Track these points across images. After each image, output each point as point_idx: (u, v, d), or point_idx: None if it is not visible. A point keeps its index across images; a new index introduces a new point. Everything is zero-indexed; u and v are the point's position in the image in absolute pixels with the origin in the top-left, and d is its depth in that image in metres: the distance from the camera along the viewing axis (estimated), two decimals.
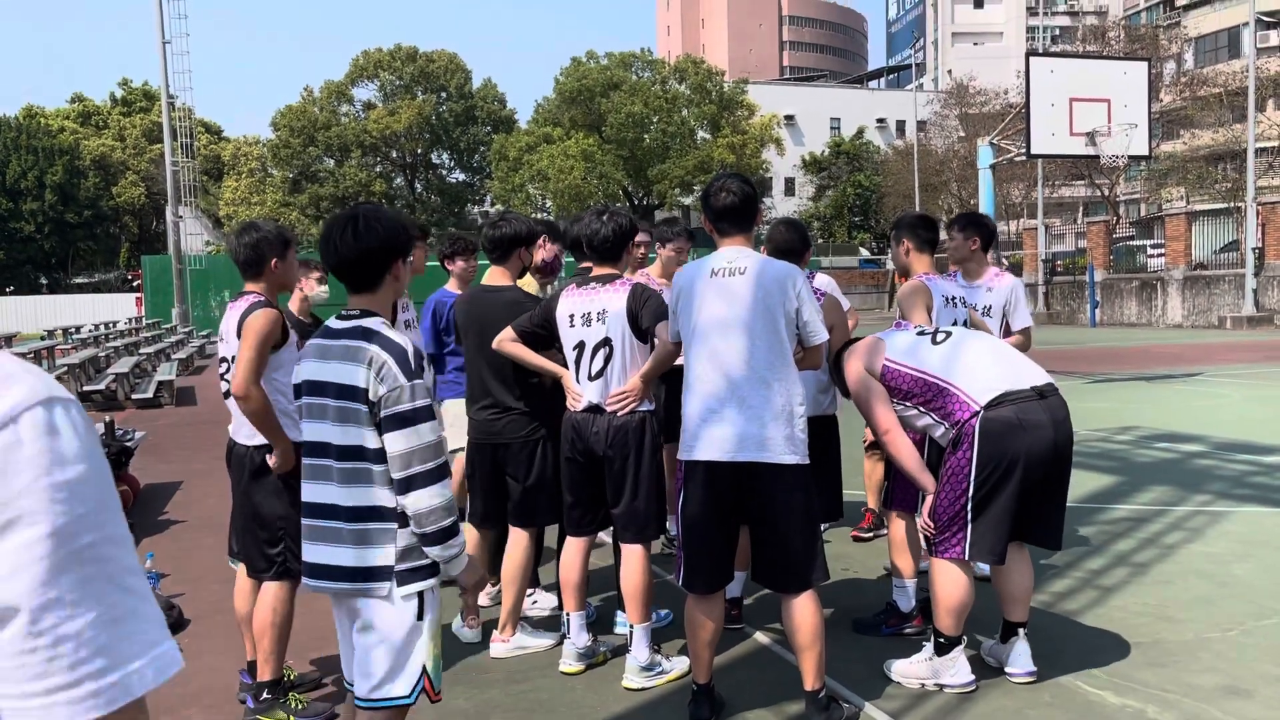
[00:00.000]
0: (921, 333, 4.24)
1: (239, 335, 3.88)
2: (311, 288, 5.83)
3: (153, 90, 62.43)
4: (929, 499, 4.01)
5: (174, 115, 32.93)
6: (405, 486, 2.66)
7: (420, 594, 2.72)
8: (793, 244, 4.68)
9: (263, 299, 3.96)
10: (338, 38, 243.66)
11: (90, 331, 24.39)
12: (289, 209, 57.43)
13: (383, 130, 59.27)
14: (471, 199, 64.68)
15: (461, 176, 65.99)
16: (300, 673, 4.31)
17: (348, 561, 2.72)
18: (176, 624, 5.07)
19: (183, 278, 33.37)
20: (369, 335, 2.72)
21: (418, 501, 2.65)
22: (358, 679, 2.74)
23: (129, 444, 8.35)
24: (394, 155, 62.61)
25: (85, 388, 15.55)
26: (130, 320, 32.33)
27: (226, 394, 3.96)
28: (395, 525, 2.70)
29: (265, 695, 3.92)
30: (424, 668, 2.71)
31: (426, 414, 2.69)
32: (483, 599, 5.04)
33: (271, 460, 3.91)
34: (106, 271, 63.27)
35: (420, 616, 2.71)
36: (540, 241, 5.16)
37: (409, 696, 2.70)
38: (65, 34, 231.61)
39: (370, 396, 2.66)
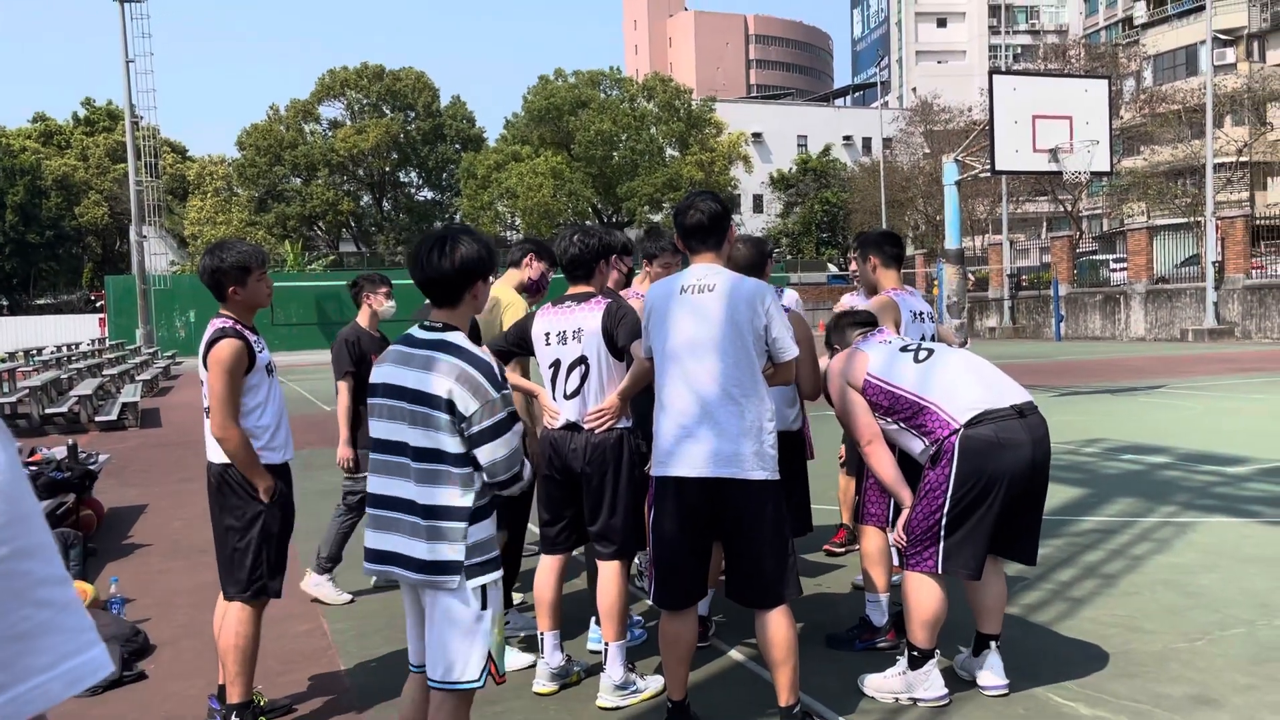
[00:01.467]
0: (905, 348, 4.25)
1: (205, 364, 3.87)
2: (380, 303, 5.91)
3: (116, 110, 61.82)
4: (904, 512, 4.03)
5: (138, 134, 32.70)
6: (493, 479, 2.96)
7: (484, 587, 2.93)
8: (752, 259, 4.71)
9: (230, 323, 3.93)
10: (304, 57, 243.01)
11: (53, 353, 24.08)
12: (255, 228, 56.93)
13: (350, 149, 58.98)
14: (440, 217, 64.48)
15: (430, 195, 65.82)
16: (270, 699, 4.24)
17: (421, 554, 2.92)
18: (141, 650, 4.99)
19: (147, 298, 33.09)
20: (453, 350, 2.94)
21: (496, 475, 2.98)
22: (430, 665, 2.96)
23: (93, 467, 8.21)
24: (361, 174, 62.32)
25: (48, 410, 15.31)
26: (94, 341, 31.91)
27: (208, 410, 3.93)
28: (465, 524, 2.91)
29: (234, 719, 3.86)
30: (489, 653, 2.94)
31: (513, 418, 2.97)
32: None
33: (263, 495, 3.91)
34: (69, 292, 62.48)
35: (485, 606, 2.93)
36: (526, 260, 5.13)
37: (478, 680, 2.94)
38: (27, 52, 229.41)
39: (461, 409, 2.86)
